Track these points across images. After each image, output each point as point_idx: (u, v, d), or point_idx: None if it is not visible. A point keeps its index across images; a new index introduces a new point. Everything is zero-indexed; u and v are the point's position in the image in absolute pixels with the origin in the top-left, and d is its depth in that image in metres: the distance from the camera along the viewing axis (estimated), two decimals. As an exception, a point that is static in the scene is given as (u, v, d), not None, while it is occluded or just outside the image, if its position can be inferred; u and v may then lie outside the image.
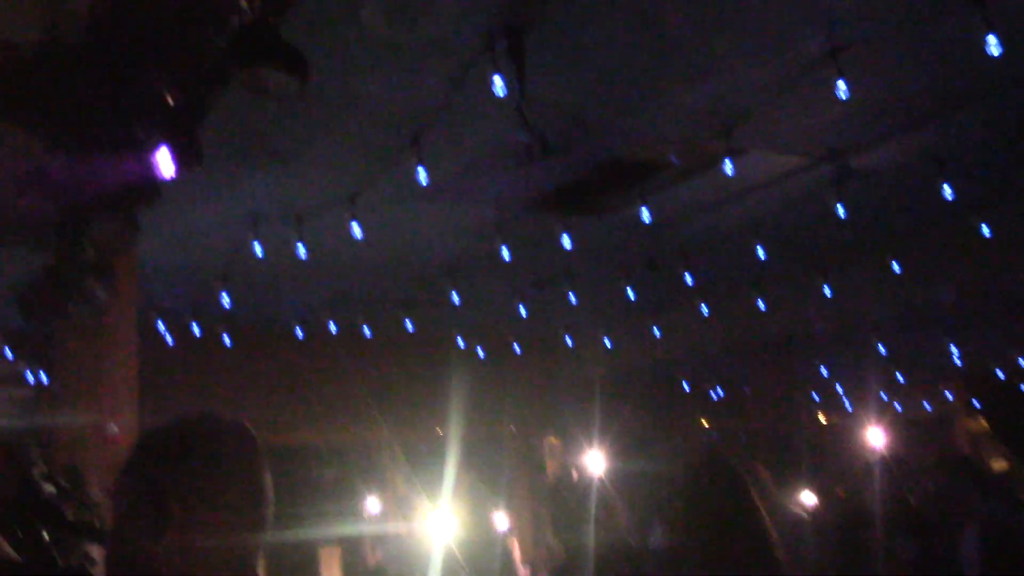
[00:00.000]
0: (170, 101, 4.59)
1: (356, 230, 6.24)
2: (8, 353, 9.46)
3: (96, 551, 1.96)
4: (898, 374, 12.53)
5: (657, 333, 10.53)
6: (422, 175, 5.37)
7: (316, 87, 4.05)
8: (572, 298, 9.09)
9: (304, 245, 6.64)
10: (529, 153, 4.68)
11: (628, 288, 8.76)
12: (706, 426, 14.41)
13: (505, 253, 7.31)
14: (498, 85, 4.47)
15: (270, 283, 8.19)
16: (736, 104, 5.33)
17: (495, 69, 4.41)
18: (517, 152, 4.97)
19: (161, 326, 9.28)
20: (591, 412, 11.72)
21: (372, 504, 7.78)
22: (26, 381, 9.41)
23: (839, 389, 13.47)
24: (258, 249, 6.75)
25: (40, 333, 8.01)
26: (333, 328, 10.16)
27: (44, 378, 9.30)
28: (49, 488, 1.85)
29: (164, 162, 4.49)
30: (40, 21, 4.05)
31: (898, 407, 13.80)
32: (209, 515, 1.59)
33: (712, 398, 14.07)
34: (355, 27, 4.21)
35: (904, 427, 12.32)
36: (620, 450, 11.95)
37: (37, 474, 1.86)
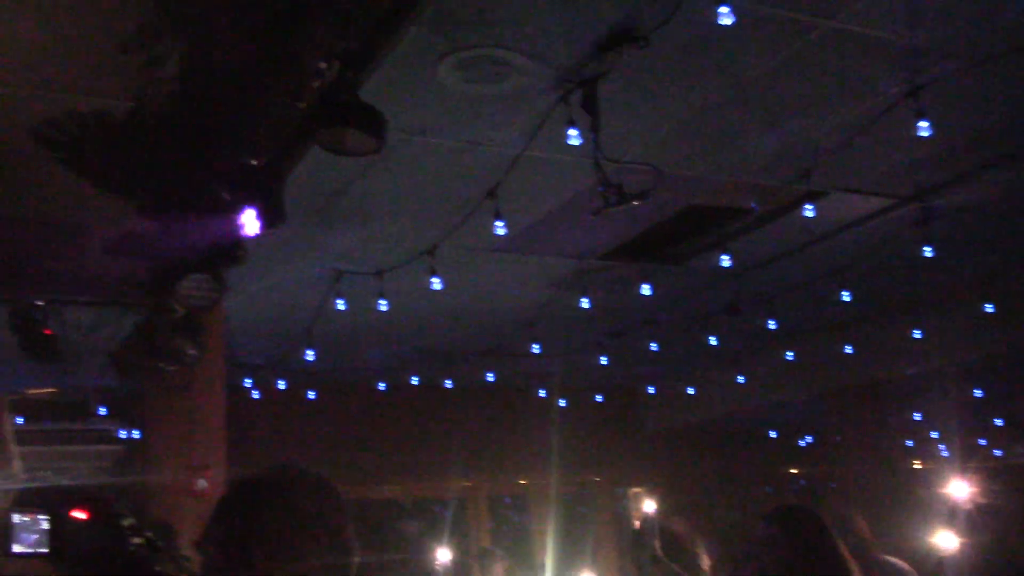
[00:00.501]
0: (254, 163, 4.73)
1: (436, 283, 6.30)
2: (101, 411, 9.73)
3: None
4: (995, 419, 12.10)
5: (741, 380, 10.36)
6: (499, 227, 5.41)
7: (394, 145, 4.14)
8: (653, 346, 9.01)
9: (385, 299, 6.72)
10: (606, 203, 4.68)
11: (709, 335, 8.65)
12: (795, 474, 14.08)
13: (584, 302, 7.30)
14: (573, 135, 4.49)
15: (352, 337, 8.30)
16: (815, 146, 5.26)
17: (570, 120, 4.44)
18: (594, 202, 4.97)
19: (247, 381, 9.45)
20: (677, 462, 11.57)
21: (443, 555, 7.74)
22: (118, 438, 9.66)
23: (933, 434, 13.05)
24: (340, 304, 6.85)
25: (132, 390, 8.23)
26: (415, 380, 10.24)
27: (136, 434, 9.54)
28: (138, 541, 1.88)
29: (249, 222, 4.61)
30: (130, 90, 4.21)
31: (997, 452, 13.31)
32: (292, 566, 1.59)
33: (800, 445, 13.75)
34: (432, 85, 4.28)
35: (1001, 473, 11.87)
36: (707, 500, 11.75)
37: (126, 527, 1.89)
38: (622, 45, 4.05)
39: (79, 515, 1.87)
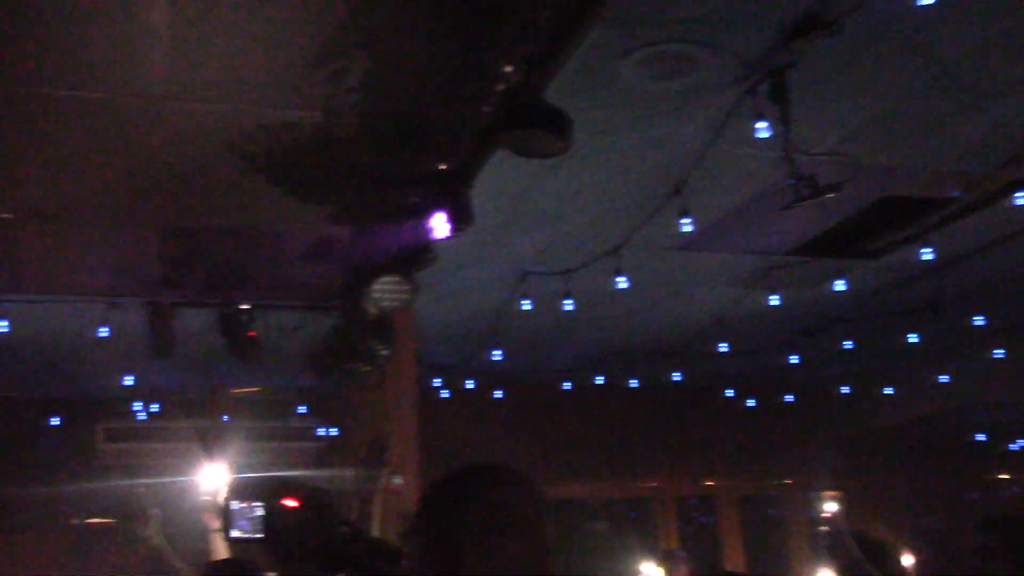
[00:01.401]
0: (442, 167, 4.85)
1: (621, 282, 6.27)
2: (301, 409, 10.20)
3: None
4: None
5: (944, 380, 9.81)
6: (686, 224, 5.33)
7: (579, 145, 4.14)
8: (847, 344, 8.66)
9: (570, 299, 6.75)
10: (797, 196, 4.52)
11: (909, 333, 8.24)
12: (1005, 479, 13.21)
13: (773, 300, 7.09)
14: (761, 128, 4.37)
15: (538, 337, 8.38)
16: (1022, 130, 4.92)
17: (758, 112, 4.32)
18: (784, 196, 4.82)
19: (437, 381, 9.70)
20: (873, 465, 11.07)
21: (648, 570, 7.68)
22: (317, 435, 10.11)
23: None
24: (526, 304, 6.93)
25: (329, 389, 8.60)
26: (599, 380, 10.23)
27: (334, 432, 9.96)
28: (344, 530, 1.95)
29: (439, 225, 4.72)
30: (318, 101, 4.38)
31: None
32: (497, 562, 1.61)
33: (1012, 449, 12.89)
34: (616, 83, 4.26)
35: None
36: (906, 506, 11.18)
37: (333, 516, 1.96)
38: (811, 32, 3.90)
39: (290, 503, 1.96)
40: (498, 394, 10.25)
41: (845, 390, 11.09)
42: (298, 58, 4.00)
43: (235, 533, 1.96)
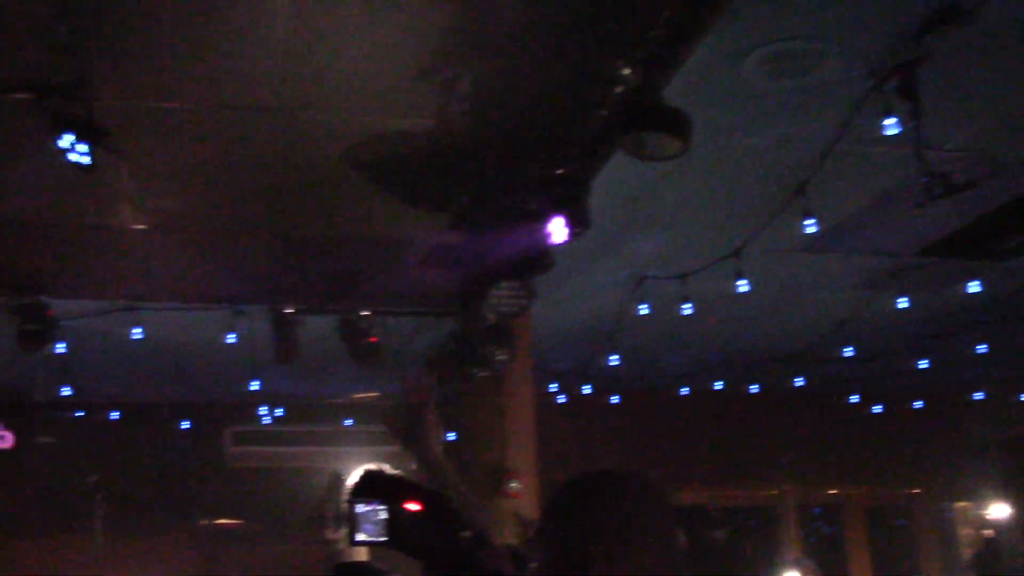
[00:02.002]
0: (559, 172, 4.83)
1: (742, 285, 6.14)
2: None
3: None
4: None
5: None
6: (810, 225, 5.18)
7: (698, 146, 4.06)
8: (981, 348, 8.29)
9: (689, 303, 6.64)
10: (929, 194, 4.34)
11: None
12: None
13: (902, 302, 6.84)
14: (890, 125, 4.21)
15: (655, 341, 8.28)
16: None
17: (887, 108, 4.16)
18: (914, 194, 4.63)
19: (553, 386, 9.68)
20: (1011, 474, 10.56)
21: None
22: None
23: None
24: (643, 309, 6.85)
25: (447, 395, 8.67)
26: (718, 385, 10.05)
27: (451, 436, 10.03)
28: (467, 534, 1.93)
29: (556, 230, 4.70)
30: (431, 109, 4.42)
31: None
32: (627, 567, 1.57)
33: None
34: (736, 83, 4.17)
35: None
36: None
37: (456, 520, 1.95)
38: (944, 25, 3.74)
39: (413, 507, 1.96)
40: (615, 399, 10.18)
41: (979, 396, 10.63)
42: (411, 66, 4.04)
43: (360, 536, 1.97)
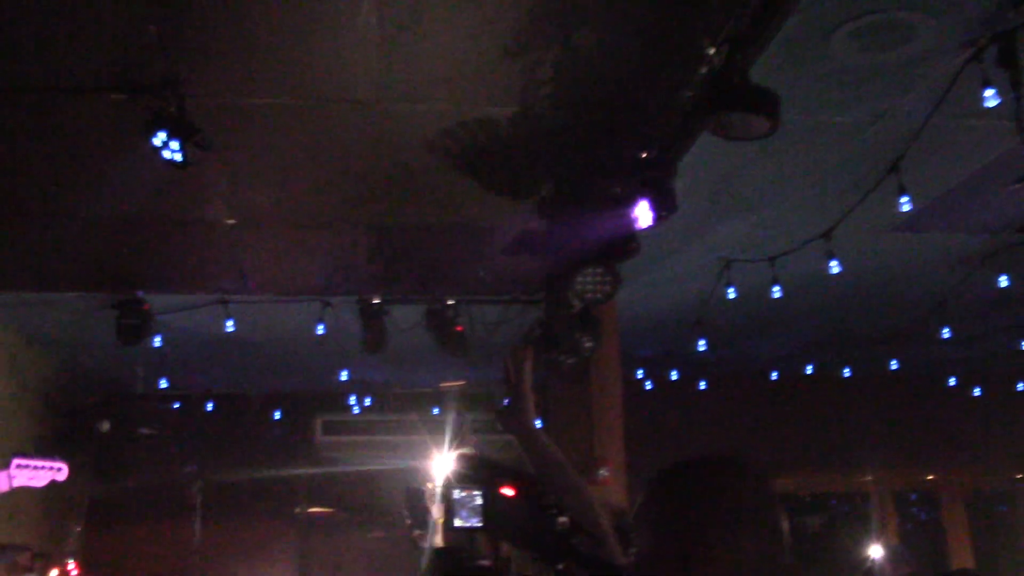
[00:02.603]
0: (644, 155, 4.77)
1: (833, 266, 6.00)
2: (506, 402, 10.33)
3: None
4: None
5: None
6: (904, 203, 5.03)
7: (787, 125, 3.96)
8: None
9: (778, 285, 6.52)
10: (1033, 168, 4.19)
11: None
12: None
13: (1002, 281, 6.61)
14: (988, 97, 4.05)
15: (744, 326, 8.16)
16: None
17: (985, 79, 4.01)
18: (1013, 169, 4.47)
19: (640, 372, 9.61)
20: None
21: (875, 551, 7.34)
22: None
23: None
24: (731, 292, 6.74)
25: (534, 382, 8.66)
26: (809, 369, 9.86)
27: (538, 423, 10.04)
28: (562, 520, 1.92)
29: (642, 214, 4.65)
30: (512, 97, 4.40)
31: None
32: (731, 559, 1.53)
33: None
34: (825, 58, 4.06)
35: None
36: None
37: (550, 506, 1.94)
38: (1047, -12, 3.59)
39: (507, 492, 1.95)
40: (702, 385, 10.06)
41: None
42: (495, 52, 4.03)
43: (457, 522, 1.98)
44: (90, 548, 9.56)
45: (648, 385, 9.81)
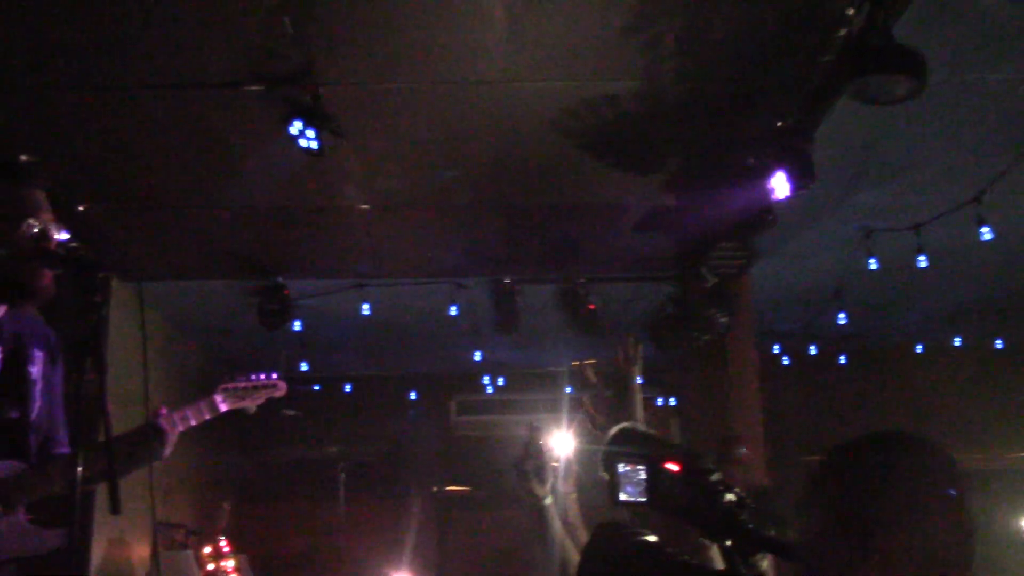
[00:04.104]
0: (779, 124, 4.62)
1: (985, 233, 5.70)
2: (638, 380, 10.26)
3: (767, 563, 1.94)
4: None
5: None
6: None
7: (933, 85, 3.77)
8: None
9: (924, 254, 6.25)
10: None
11: None
12: None
13: None
14: None
15: (886, 297, 7.87)
16: None
17: None
18: None
19: (776, 347, 9.40)
20: None
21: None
22: (655, 405, 10.14)
23: None
24: (872, 263, 6.50)
25: (666, 360, 8.58)
26: (957, 341, 9.45)
27: (672, 402, 9.96)
28: (730, 497, 1.87)
29: (779, 185, 4.52)
30: (637, 71, 4.32)
31: None
32: (915, 544, 1.45)
33: None
34: (974, 12, 3.84)
35: None
36: None
37: (717, 486, 1.89)
38: None
39: (672, 467, 1.92)
40: (843, 360, 9.76)
41: None
42: (619, 27, 3.97)
43: (622, 497, 1.96)
44: (239, 526, 9.98)
45: (785, 361, 9.59)
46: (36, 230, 2.47)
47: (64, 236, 2.50)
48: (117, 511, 2.03)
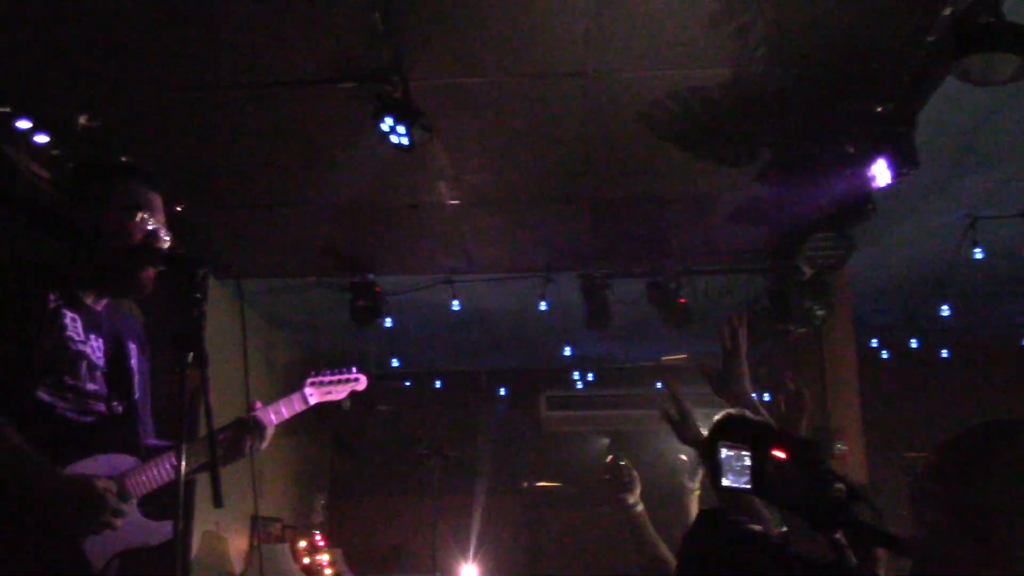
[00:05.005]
0: (879, 109, 4.48)
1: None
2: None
3: (880, 557, 1.85)
4: None
5: None
6: None
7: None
8: None
9: (1034, 243, 6.00)
10: None
11: None
12: None
13: None
14: None
15: (993, 288, 7.57)
16: None
17: None
18: None
19: (874, 341, 9.14)
20: None
21: None
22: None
23: None
24: (977, 253, 6.26)
25: (761, 354, 8.40)
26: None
27: (766, 397, 9.75)
28: (839, 487, 1.79)
29: (880, 173, 4.37)
30: (726, 60, 4.23)
31: None
32: None
33: None
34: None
35: None
36: None
37: (827, 476, 1.81)
38: None
39: (779, 454, 1.85)
40: (945, 353, 9.43)
41: None
42: (707, 15, 3.89)
43: (725, 482, 1.89)
44: (333, 520, 10.12)
45: (885, 354, 9.30)
46: (150, 227, 2.54)
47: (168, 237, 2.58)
48: (220, 504, 2.05)
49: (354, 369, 3.26)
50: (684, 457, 4.07)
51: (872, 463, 6.63)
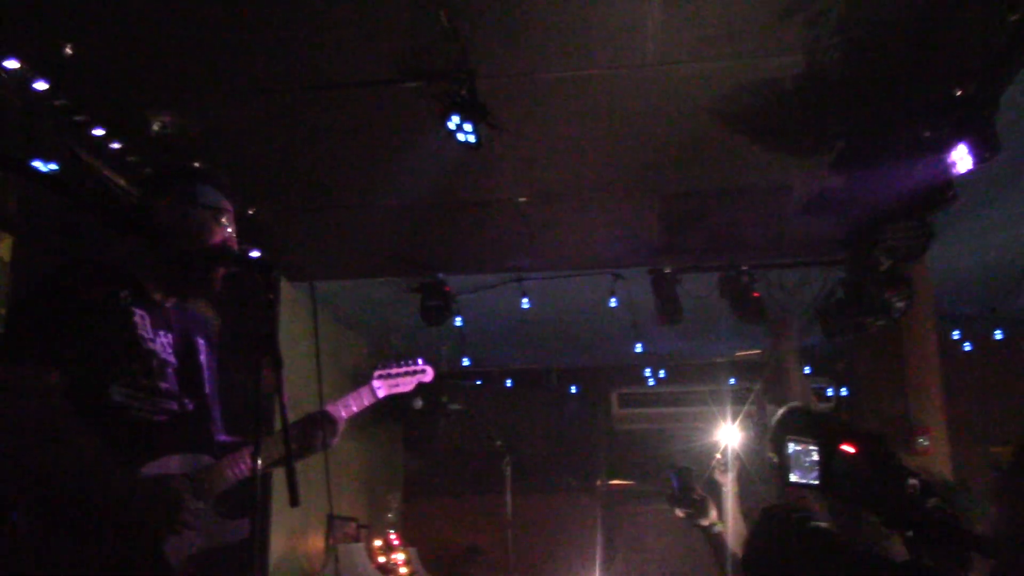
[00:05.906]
0: (959, 93, 4.33)
1: None
2: (805, 369, 9.91)
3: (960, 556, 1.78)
4: None
5: None
6: None
7: None
8: None
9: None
10: None
11: None
12: None
13: None
14: None
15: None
16: None
17: None
18: None
19: (956, 333, 8.89)
20: None
21: None
22: (826, 396, 9.76)
23: None
24: (1065, 239, 6.05)
25: (837, 348, 8.23)
26: None
27: (843, 392, 9.55)
28: (913, 482, 1.73)
29: (960, 158, 4.23)
30: (798, 47, 4.13)
31: None
32: None
33: None
34: None
35: None
36: None
37: (898, 471, 1.75)
38: None
39: (848, 449, 1.79)
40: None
41: None
42: (778, 3, 3.80)
43: (793, 478, 1.84)
44: (407, 520, 10.18)
45: (967, 346, 9.04)
46: (229, 231, 2.60)
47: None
48: (296, 503, 2.04)
49: (420, 360, 3.26)
50: (719, 456, 4.01)
51: (956, 459, 6.45)
